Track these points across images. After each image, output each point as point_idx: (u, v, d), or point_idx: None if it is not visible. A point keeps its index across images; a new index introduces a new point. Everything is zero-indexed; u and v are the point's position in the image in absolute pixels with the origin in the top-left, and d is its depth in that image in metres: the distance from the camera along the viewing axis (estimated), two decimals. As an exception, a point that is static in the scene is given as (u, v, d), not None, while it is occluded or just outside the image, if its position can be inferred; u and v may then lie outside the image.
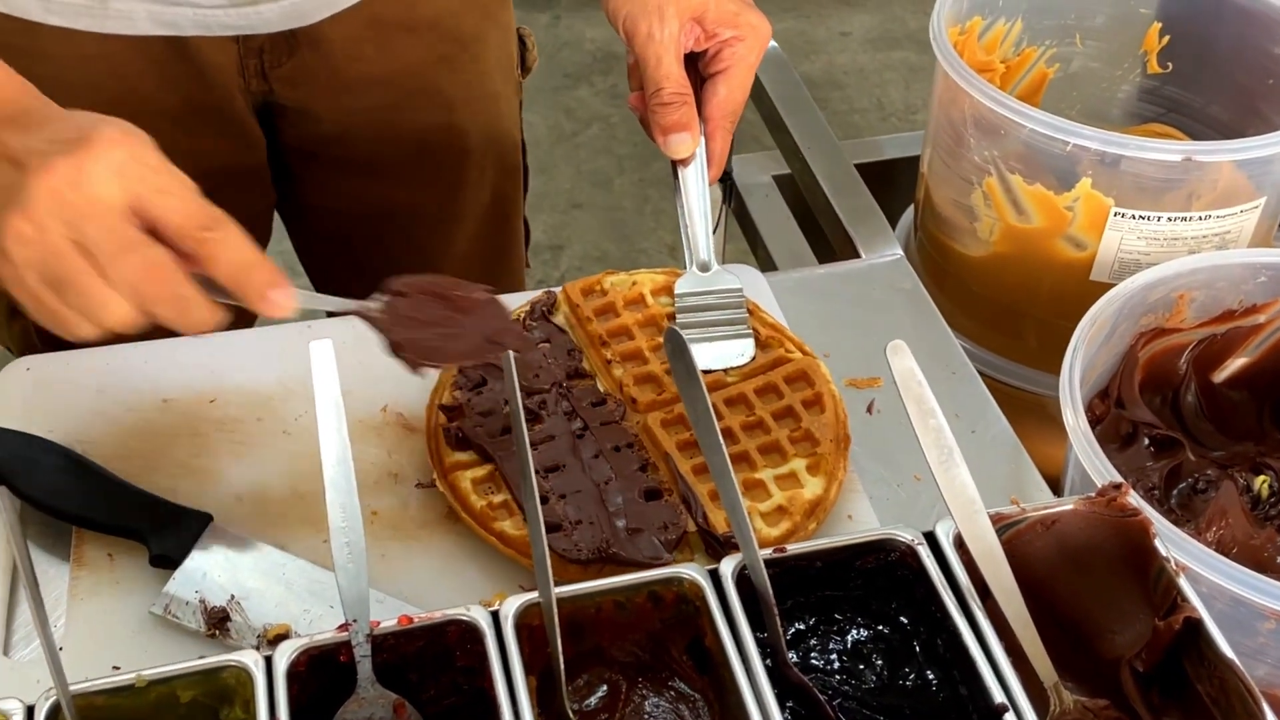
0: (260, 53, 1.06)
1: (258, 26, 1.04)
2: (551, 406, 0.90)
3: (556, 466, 0.86)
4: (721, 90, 0.97)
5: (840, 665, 0.70)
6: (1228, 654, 0.65)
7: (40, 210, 0.71)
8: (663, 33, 0.95)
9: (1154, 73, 1.22)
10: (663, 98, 0.96)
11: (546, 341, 0.94)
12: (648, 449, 0.88)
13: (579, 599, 0.69)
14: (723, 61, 0.97)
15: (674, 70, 0.96)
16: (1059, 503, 0.72)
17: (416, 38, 1.11)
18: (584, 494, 0.84)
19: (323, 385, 0.70)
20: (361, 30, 1.07)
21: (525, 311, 0.96)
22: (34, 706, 0.64)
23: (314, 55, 1.07)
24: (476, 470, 0.86)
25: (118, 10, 0.99)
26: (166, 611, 0.81)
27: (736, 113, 0.99)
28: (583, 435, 0.88)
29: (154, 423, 0.92)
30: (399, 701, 0.67)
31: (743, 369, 0.93)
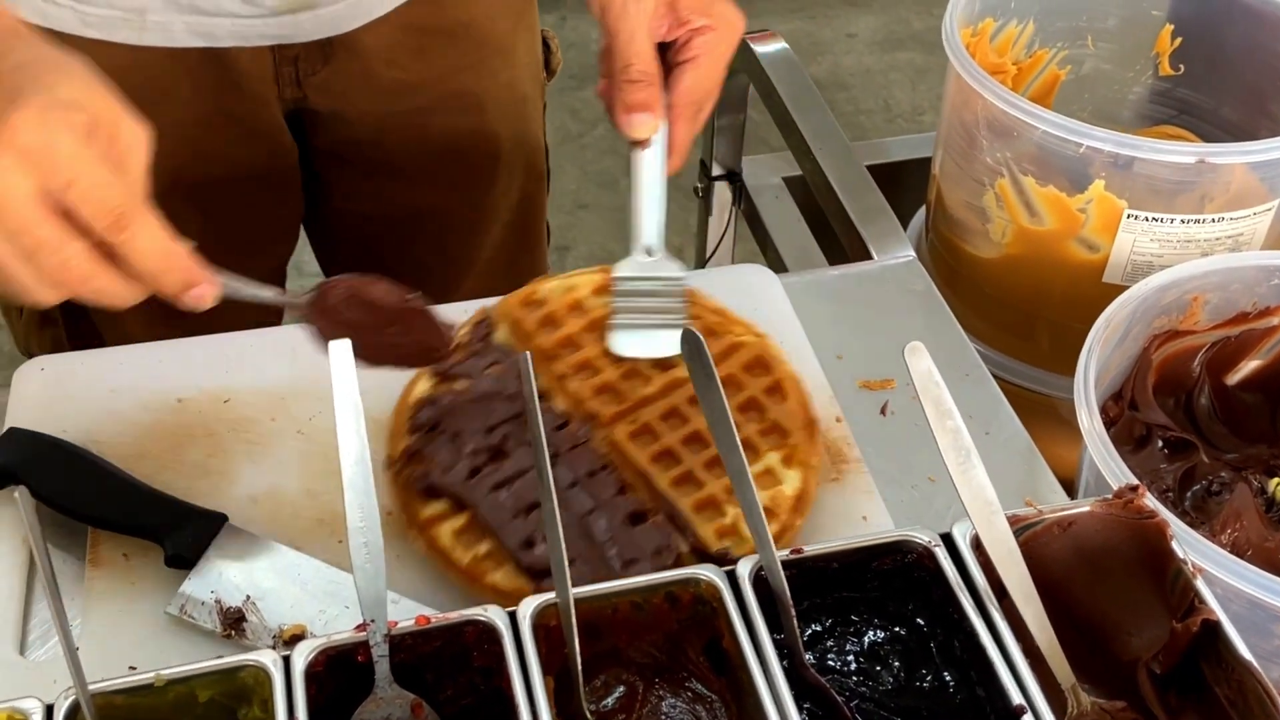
0: (295, 61, 1.06)
1: (295, 36, 1.04)
2: (516, 437, 0.85)
3: (536, 504, 0.81)
4: (688, 78, 0.95)
5: (857, 666, 0.70)
6: (1246, 656, 0.65)
7: None
8: (637, 9, 0.93)
9: (1166, 75, 1.22)
10: (630, 74, 0.93)
11: (495, 364, 0.89)
12: (621, 469, 0.85)
13: (596, 600, 0.69)
14: (692, 50, 0.95)
15: (644, 48, 0.93)
16: (1076, 505, 0.72)
17: (451, 42, 1.11)
18: (568, 529, 0.79)
19: (341, 385, 0.70)
20: (396, 36, 1.07)
21: (466, 335, 0.92)
22: (53, 706, 0.64)
23: (349, 62, 1.07)
24: (454, 521, 0.82)
25: (155, 22, 0.99)
26: (182, 612, 0.81)
27: (702, 102, 0.96)
28: (554, 464, 0.83)
29: (168, 423, 0.92)
30: (416, 701, 0.68)
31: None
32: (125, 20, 0.99)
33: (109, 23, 0.99)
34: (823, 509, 0.87)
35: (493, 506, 0.82)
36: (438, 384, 0.89)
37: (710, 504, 0.83)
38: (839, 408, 0.94)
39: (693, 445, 0.85)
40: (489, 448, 0.85)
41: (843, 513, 0.87)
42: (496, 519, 0.81)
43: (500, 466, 0.84)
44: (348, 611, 0.80)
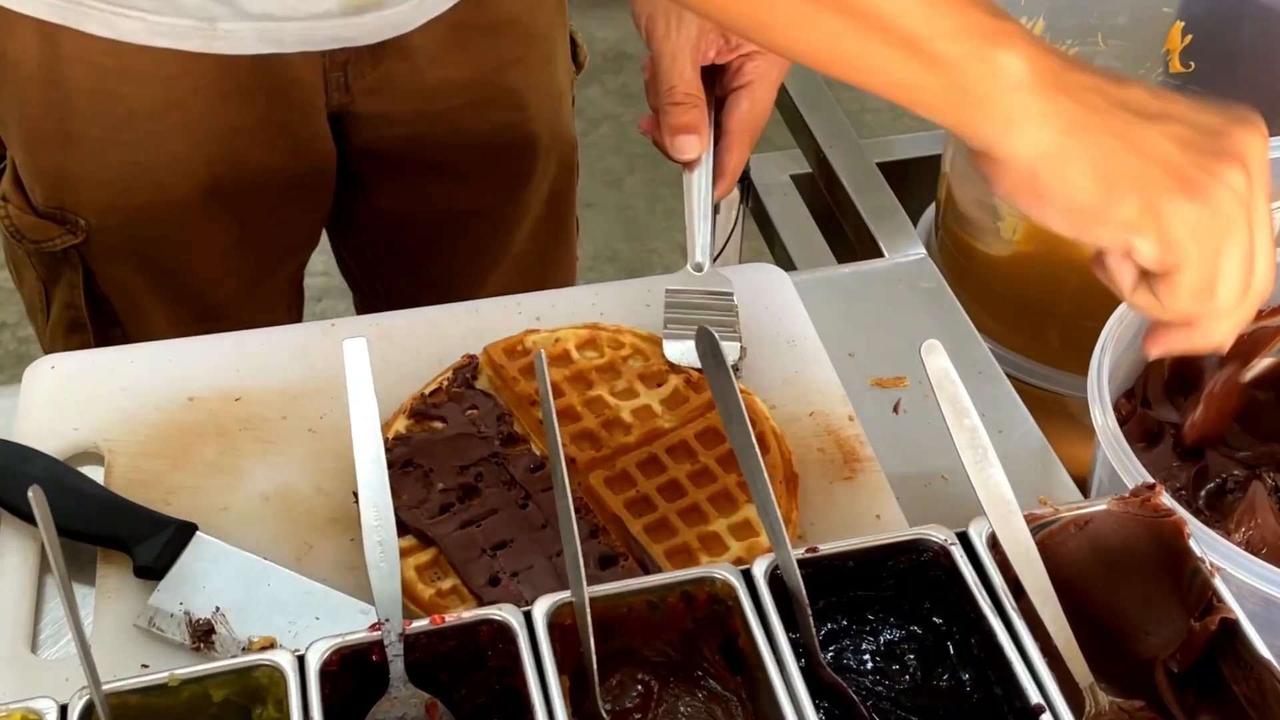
0: (345, 65, 1.05)
1: (359, 38, 1.04)
2: (489, 477, 0.85)
3: (504, 543, 0.82)
4: (745, 104, 0.96)
5: (873, 665, 0.70)
6: (1265, 655, 0.65)
7: None
8: (679, 33, 0.94)
9: (1176, 72, 1.22)
10: (675, 97, 0.95)
11: (474, 409, 0.90)
12: (595, 512, 0.85)
13: (611, 599, 0.69)
14: (745, 76, 0.96)
15: (687, 71, 0.95)
16: (1092, 503, 0.72)
17: (495, 38, 1.11)
18: (537, 570, 0.80)
19: (356, 383, 0.70)
20: (444, 34, 1.07)
21: (448, 380, 0.92)
22: (67, 705, 0.64)
23: (399, 63, 1.07)
24: (420, 556, 0.82)
25: (226, 30, 0.99)
26: (151, 624, 0.80)
27: (758, 128, 0.98)
28: (526, 505, 0.84)
29: (179, 421, 0.92)
30: (431, 701, 0.67)
31: (679, 412, 0.90)
32: (196, 29, 0.98)
33: (179, 32, 0.98)
34: (836, 508, 0.87)
35: (459, 543, 0.82)
36: (415, 423, 0.89)
37: (683, 551, 0.82)
38: (851, 406, 0.93)
39: (668, 494, 0.85)
40: (460, 486, 0.85)
41: (856, 511, 0.87)
42: (462, 556, 0.81)
43: (470, 505, 0.84)
44: (318, 623, 0.79)
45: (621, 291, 1.03)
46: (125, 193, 1.06)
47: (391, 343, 0.97)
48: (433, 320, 1.00)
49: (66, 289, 1.11)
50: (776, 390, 0.94)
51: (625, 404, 0.91)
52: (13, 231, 1.09)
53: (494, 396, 0.91)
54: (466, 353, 0.94)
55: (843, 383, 0.95)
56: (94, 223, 1.07)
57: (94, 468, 0.89)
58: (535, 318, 0.99)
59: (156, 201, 1.06)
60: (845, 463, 0.89)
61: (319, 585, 0.82)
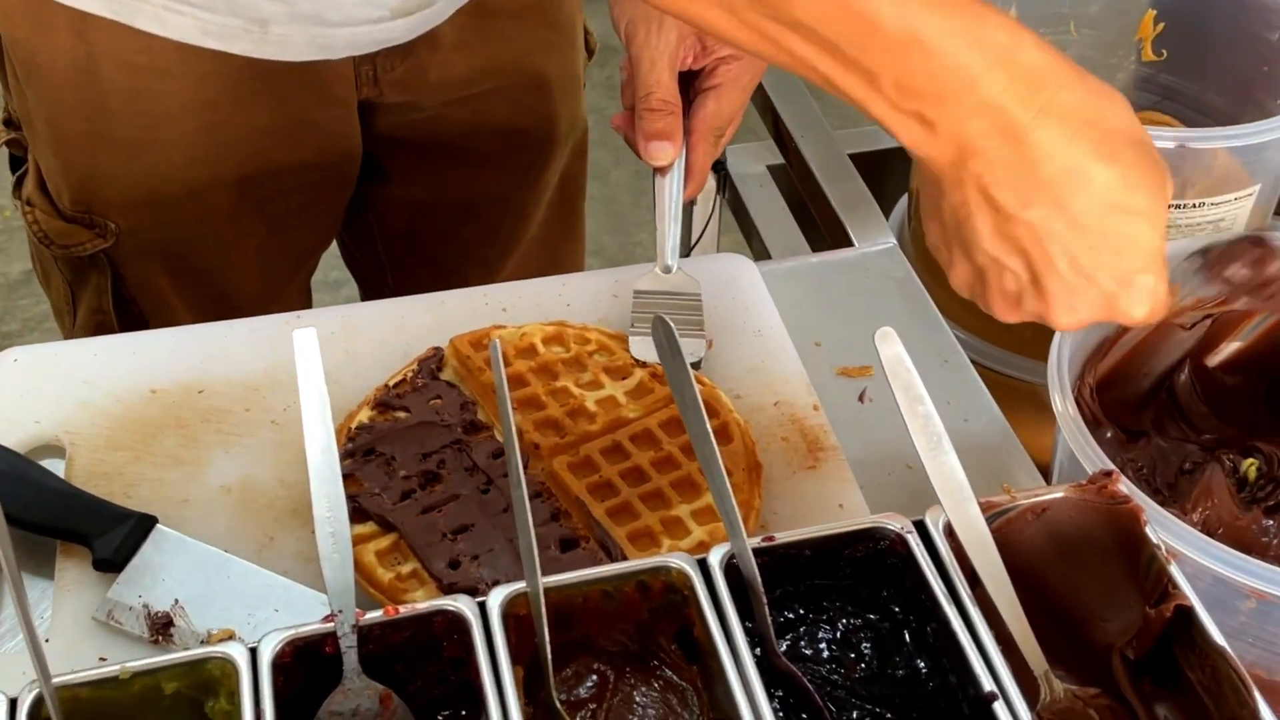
0: (374, 60, 1.05)
1: (400, 38, 1.04)
2: (451, 464, 0.86)
3: (465, 527, 0.82)
4: (710, 104, 0.97)
5: (829, 654, 0.70)
6: (1220, 642, 0.64)
7: None
8: (659, 39, 0.95)
9: (1149, 60, 1.22)
10: (650, 103, 0.95)
11: (438, 399, 0.90)
12: (557, 496, 0.85)
13: (566, 588, 0.69)
14: (716, 78, 0.97)
15: (664, 78, 0.95)
16: (1049, 490, 0.72)
17: (520, 23, 1.12)
18: (497, 552, 0.81)
19: (306, 374, 0.70)
20: (468, 21, 1.07)
21: (413, 371, 0.92)
22: (16, 699, 0.64)
23: (428, 54, 1.07)
24: (380, 541, 0.82)
25: (278, 34, 0.99)
26: (110, 617, 0.79)
27: (722, 128, 0.98)
28: (488, 490, 0.84)
29: (142, 414, 0.91)
30: (385, 692, 0.67)
31: (644, 402, 0.90)
32: (246, 31, 0.98)
33: (230, 33, 0.98)
34: (800, 497, 0.87)
35: (419, 528, 0.82)
36: (379, 414, 0.89)
37: (645, 534, 0.82)
38: (816, 396, 0.93)
39: (631, 479, 0.85)
40: (421, 473, 0.85)
41: (820, 500, 0.86)
42: (422, 540, 0.81)
43: (431, 491, 0.84)
44: (278, 615, 0.79)
45: (588, 283, 1.03)
46: (156, 193, 1.05)
47: (358, 335, 0.97)
48: (399, 313, 1.00)
49: (94, 294, 1.10)
50: (742, 380, 0.94)
51: (590, 394, 0.91)
52: (41, 237, 1.09)
53: (458, 387, 0.91)
54: (432, 345, 0.94)
55: (808, 372, 0.95)
56: (123, 225, 1.06)
57: (55, 460, 0.89)
58: (502, 309, 0.99)
59: (186, 202, 1.06)
60: (809, 452, 0.89)
61: (279, 577, 0.81)
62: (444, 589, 0.79)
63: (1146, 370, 0.94)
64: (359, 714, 0.67)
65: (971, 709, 0.65)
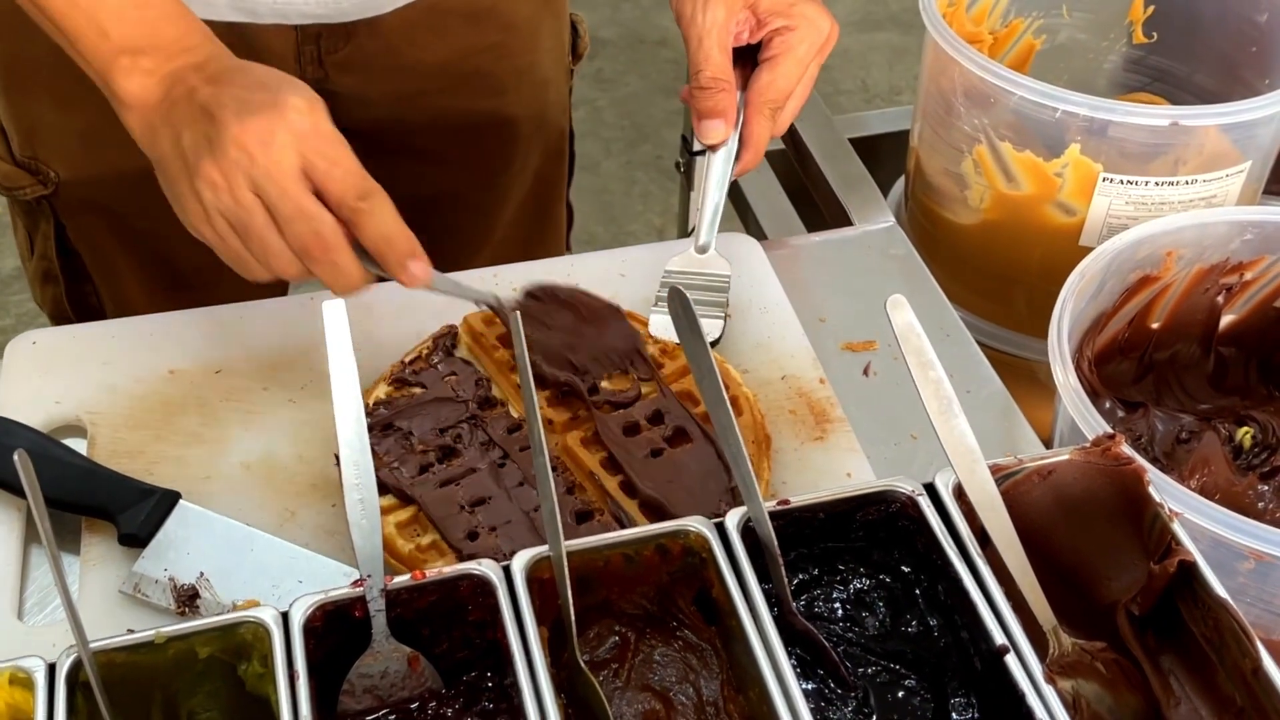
0: (317, 39, 1.06)
1: (333, 16, 1.04)
2: (467, 439, 0.87)
3: (482, 499, 0.84)
4: (764, 76, 0.97)
5: (844, 613, 0.72)
6: (1221, 594, 0.66)
7: (230, 163, 0.80)
8: (705, 16, 0.95)
9: (1139, 42, 1.24)
10: (701, 81, 0.96)
11: (453, 375, 0.91)
12: (571, 470, 0.87)
13: (588, 553, 0.70)
14: (771, 50, 0.97)
15: (714, 54, 0.96)
16: (1055, 453, 0.74)
17: (473, 24, 1.12)
18: (514, 524, 0.82)
19: (336, 345, 0.71)
20: (420, 16, 1.08)
21: (428, 348, 0.94)
22: (55, 664, 0.66)
23: (371, 41, 1.08)
24: (400, 514, 0.84)
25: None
26: (136, 590, 0.81)
27: (777, 101, 0.98)
28: (504, 464, 0.86)
29: (161, 393, 0.93)
30: (413, 655, 0.69)
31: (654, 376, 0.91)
32: None
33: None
34: (808, 467, 0.89)
35: (438, 501, 0.83)
36: (395, 389, 0.91)
37: None
38: (822, 370, 0.95)
39: None
40: (439, 447, 0.87)
41: (828, 470, 0.88)
42: (441, 512, 0.83)
43: (449, 465, 0.86)
44: (301, 586, 0.81)
45: (597, 262, 1.05)
46: (93, 147, 1.07)
47: (371, 314, 0.99)
48: (411, 292, 1.01)
49: (42, 240, 1.13)
50: (749, 355, 0.96)
51: (602, 369, 0.93)
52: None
53: (473, 364, 0.93)
54: (446, 323, 0.96)
55: (814, 347, 0.97)
56: (63, 174, 1.09)
57: (77, 440, 0.90)
58: (512, 288, 1.01)
59: (123, 158, 1.07)
60: (816, 424, 0.91)
61: (302, 549, 0.83)
62: (462, 560, 0.81)
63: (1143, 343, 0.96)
64: (387, 676, 0.69)
65: (984, 663, 0.67)
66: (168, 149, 0.84)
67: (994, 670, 0.66)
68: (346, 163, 0.83)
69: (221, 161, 0.81)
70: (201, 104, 0.82)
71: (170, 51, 0.85)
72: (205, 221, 0.83)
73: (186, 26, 0.87)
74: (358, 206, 0.82)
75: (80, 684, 0.65)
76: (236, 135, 0.80)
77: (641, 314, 0.97)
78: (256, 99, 0.82)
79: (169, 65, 0.85)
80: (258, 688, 0.68)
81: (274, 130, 0.81)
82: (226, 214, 0.82)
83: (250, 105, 0.81)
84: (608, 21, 3.13)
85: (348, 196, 0.82)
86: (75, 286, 1.15)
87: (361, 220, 0.82)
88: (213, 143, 0.81)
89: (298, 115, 0.82)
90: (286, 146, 0.81)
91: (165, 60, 0.85)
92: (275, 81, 0.84)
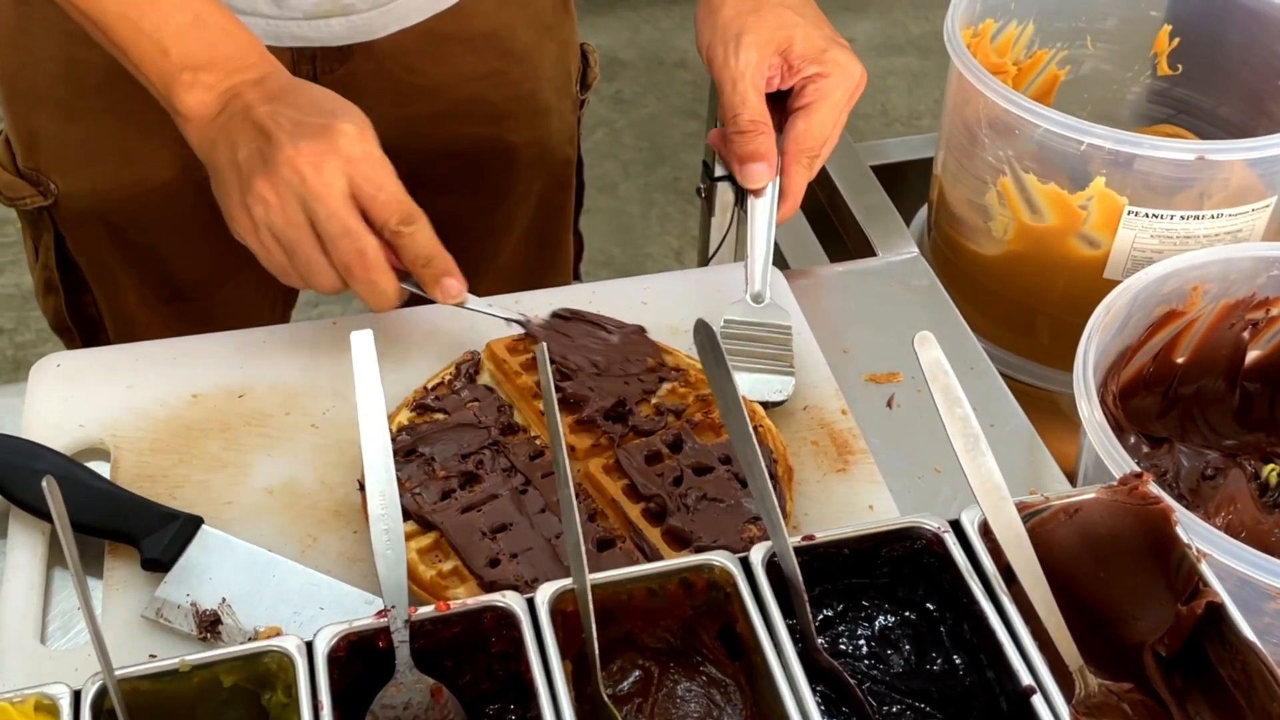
0: (313, 59, 1.07)
1: (326, 40, 1.05)
2: (489, 465, 0.87)
3: (504, 526, 0.84)
4: (800, 124, 0.97)
5: (868, 650, 0.72)
6: (1249, 637, 0.66)
7: (282, 183, 0.85)
8: (738, 60, 0.95)
9: (1164, 74, 1.24)
10: (740, 125, 0.96)
11: (475, 401, 0.91)
12: (593, 497, 0.87)
13: (612, 586, 0.70)
14: (806, 97, 0.97)
15: (750, 97, 0.95)
16: (1081, 491, 0.74)
17: (470, 50, 1.12)
18: (536, 551, 0.82)
19: (363, 374, 0.72)
20: (416, 42, 1.09)
21: (450, 374, 0.94)
22: (80, 691, 0.66)
23: (367, 63, 1.08)
24: (421, 540, 0.83)
25: None
26: (159, 615, 0.81)
27: (815, 149, 0.98)
28: (526, 490, 0.86)
29: (184, 418, 0.93)
30: (436, 686, 0.69)
31: (676, 410, 0.91)
32: None
33: None
34: (830, 499, 0.89)
35: (460, 527, 0.83)
36: (418, 415, 0.91)
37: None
38: (844, 400, 0.95)
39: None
40: (461, 473, 0.87)
41: (850, 502, 0.88)
42: (463, 539, 0.83)
43: (471, 491, 0.86)
44: (323, 613, 0.81)
45: (618, 290, 1.05)
46: (92, 160, 1.08)
47: (393, 341, 0.99)
48: (432, 319, 1.02)
49: (44, 250, 1.15)
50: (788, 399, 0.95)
51: (624, 399, 0.93)
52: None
53: (495, 390, 0.93)
54: (468, 349, 0.96)
55: (837, 378, 0.97)
56: (62, 186, 1.10)
57: (100, 463, 0.91)
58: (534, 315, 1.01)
59: (122, 171, 1.09)
60: (839, 455, 0.91)
61: (324, 576, 0.83)
62: (484, 586, 0.81)
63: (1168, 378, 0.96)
64: (410, 707, 0.69)
65: (1009, 703, 0.67)
66: (223, 161, 0.87)
67: (1020, 711, 0.65)
68: (391, 187, 0.88)
69: (275, 180, 0.85)
70: (258, 121, 0.86)
71: (229, 68, 0.89)
72: (253, 234, 0.88)
73: (245, 44, 0.91)
74: (399, 230, 0.88)
75: (105, 711, 0.65)
76: (290, 156, 0.85)
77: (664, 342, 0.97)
78: (311, 122, 0.86)
79: (227, 81, 0.89)
80: (281, 717, 0.68)
81: (325, 154, 0.85)
82: (275, 230, 0.86)
83: (305, 128, 0.86)
84: (626, 44, 3.14)
85: (390, 220, 0.88)
86: (75, 297, 1.17)
87: (403, 242, 0.88)
88: (267, 161, 0.85)
89: (348, 141, 0.86)
90: (336, 171, 0.85)
91: (224, 76, 0.89)
92: (330, 105, 0.88)
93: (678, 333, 0.98)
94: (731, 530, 0.83)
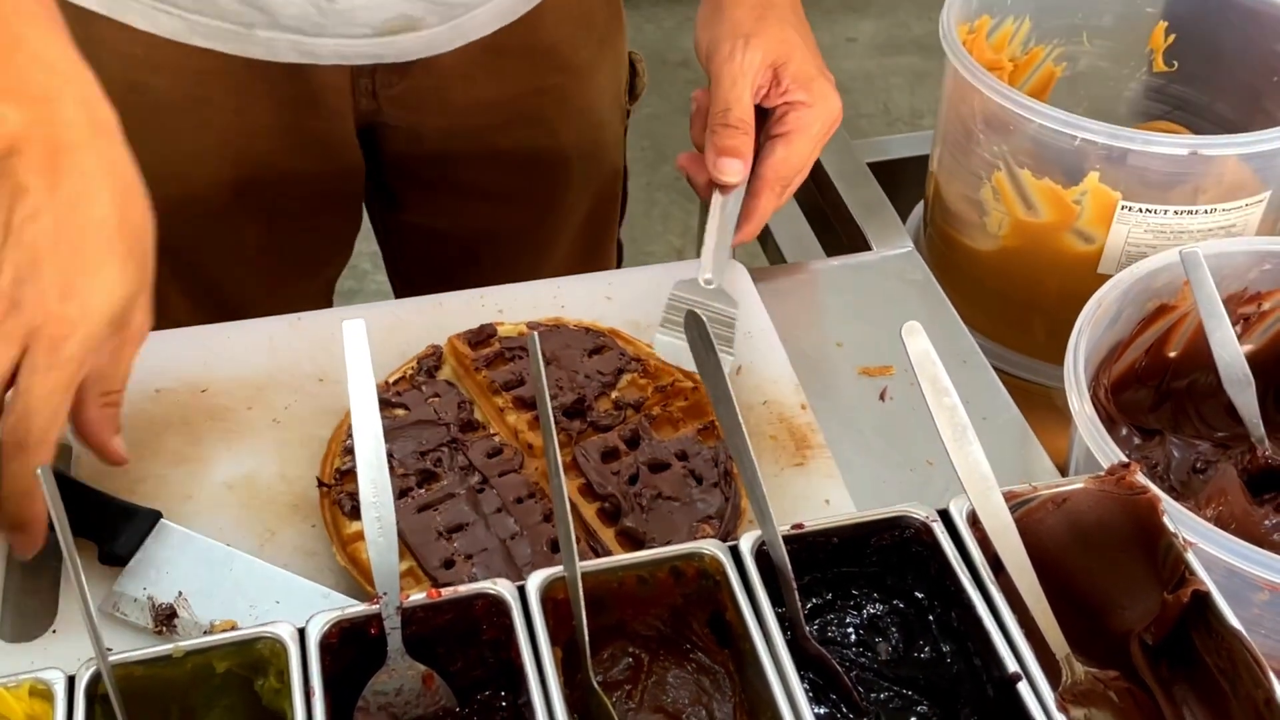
0: (373, 74, 1.07)
1: (392, 56, 1.05)
2: (447, 463, 0.87)
3: (460, 526, 0.83)
4: (779, 152, 0.98)
5: (856, 638, 0.72)
6: (1235, 625, 0.66)
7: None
8: (744, 58, 0.96)
9: (1160, 71, 1.24)
10: (729, 119, 0.96)
11: (436, 396, 0.91)
12: (550, 496, 0.86)
13: (602, 574, 0.71)
14: (786, 125, 0.98)
15: (744, 97, 0.96)
16: (1069, 481, 0.74)
17: (530, 64, 1.12)
18: (490, 552, 0.82)
19: (355, 363, 0.72)
20: (477, 55, 1.08)
21: (412, 369, 0.94)
22: (74, 676, 0.66)
23: (427, 78, 1.08)
24: None
25: (264, 38, 1.01)
26: (115, 609, 0.81)
27: (788, 179, 0.99)
28: (482, 489, 0.85)
29: (146, 413, 0.93)
30: (428, 673, 0.69)
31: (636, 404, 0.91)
32: (233, 33, 1.01)
33: (218, 34, 1.00)
34: (787, 493, 0.89)
35: (416, 527, 0.83)
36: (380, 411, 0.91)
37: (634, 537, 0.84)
38: (804, 395, 0.95)
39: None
40: (419, 471, 0.87)
41: (807, 496, 0.88)
42: (418, 539, 0.83)
43: (429, 489, 0.86)
44: (278, 606, 0.81)
45: (583, 284, 1.04)
46: (149, 183, 1.08)
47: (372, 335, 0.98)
48: (397, 313, 1.01)
49: None
50: (731, 380, 0.95)
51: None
52: None
53: (456, 385, 0.93)
54: (430, 343, 0.96)
55: (830, 372, 0.97)
56: None
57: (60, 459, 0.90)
58: (498, 310, 1.01)
59: (180, 195, 1.08)
60: (797, 449, 0.91)
61: (280, 570, 0.83)
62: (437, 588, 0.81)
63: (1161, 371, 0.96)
64: (402, 693, 0.69)
65: (996, 690, 0.67)
66: None
67: (1006, 698, 0.66)
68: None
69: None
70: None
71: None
72: None
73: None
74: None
75: (99, 696, 0.66)
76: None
77: (625, 332, 0.97)
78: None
79: None
80: (274, 703, 0.68)
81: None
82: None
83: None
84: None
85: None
86: None
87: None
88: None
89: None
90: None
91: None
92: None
93: (640, 328, 0.98)
94: (684, 530, 0.84)
